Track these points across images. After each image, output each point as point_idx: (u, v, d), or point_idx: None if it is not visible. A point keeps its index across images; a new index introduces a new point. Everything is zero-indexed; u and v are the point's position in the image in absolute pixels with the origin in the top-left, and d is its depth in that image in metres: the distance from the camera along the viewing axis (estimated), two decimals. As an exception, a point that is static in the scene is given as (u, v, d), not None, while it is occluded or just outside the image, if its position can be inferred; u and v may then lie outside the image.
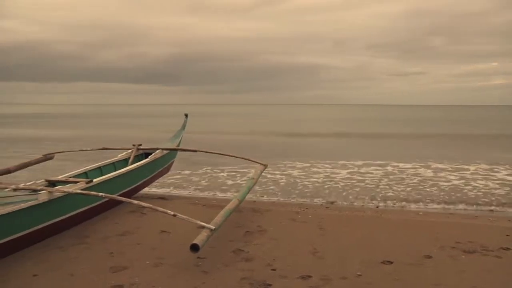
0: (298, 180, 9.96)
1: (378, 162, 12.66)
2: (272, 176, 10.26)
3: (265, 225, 5.44)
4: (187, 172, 10.66)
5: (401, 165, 12.16)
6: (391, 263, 4.13)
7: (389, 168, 11.60)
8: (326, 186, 9.38)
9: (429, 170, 11.29)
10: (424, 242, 4.84)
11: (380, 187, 9.29)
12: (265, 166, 7.00)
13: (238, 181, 9.79)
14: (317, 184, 9.57)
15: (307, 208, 6.94)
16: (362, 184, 9.59)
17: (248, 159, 7.68)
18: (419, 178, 10.19)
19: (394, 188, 9.16)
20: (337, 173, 10.82)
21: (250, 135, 24.29)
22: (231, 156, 7.95)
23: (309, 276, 3.76)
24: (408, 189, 9.09)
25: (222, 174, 10.73)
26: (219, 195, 8.51)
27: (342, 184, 9.61)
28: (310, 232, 5.23)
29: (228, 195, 8.32)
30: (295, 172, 10.98)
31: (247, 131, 26.52)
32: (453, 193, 8.67)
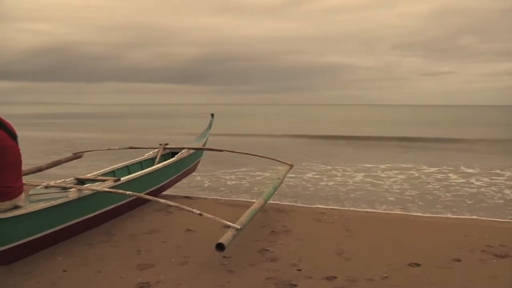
0: (304, 183, 9.53)
1: (405, 165, 12.33)
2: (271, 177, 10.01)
3: (290, 225, 5.43)
4: (194, 173, 9.88)
5: (430, 169, 11.65)
6: (419, 265, 4.05)
7: (413, 172, 11.14)
8: (328, 189, 9.01)
9: (457, 175, 10.71)
10: (452, 244, 4.73)
11: (391, 191, 8.83)
12: (291, 166, 6.99)
13: (241, 182, 9.72)
14: (326, 188, 9.14)
15: (332, 209, 6.89)
16: (372, 188, 9.16)
17: (274, 159, 7.69)
18: (445, 183, 9.69)
19: (407, 193, 8.69)
20: (353, 177, 10.41)
21: (279, 137, 23.54)
22: (257, 156, 7.97)
23: (335, 277, 3.73)
24: (417, 193, 8.75)
25: (230, 176, 10.44)
26: (217, 196, 8.10)
27: (349, 188, 9.18)
28: (336, 232, 5.19)
29: (223, 197, 8.05)
30: (309, 175, 10.55)
31: (277, 133, 25.72)
32: (482, 198, 8.27)
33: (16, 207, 3.90)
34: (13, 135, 3.86)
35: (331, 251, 4.43)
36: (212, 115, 9.03)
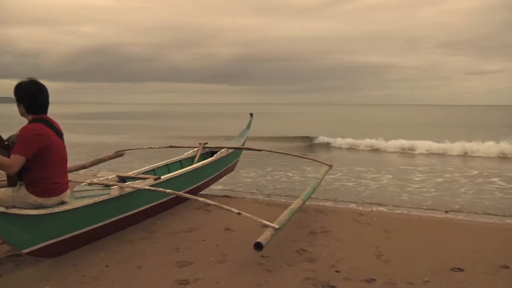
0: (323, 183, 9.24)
1: (444, 168, 11.95)
2: (301, 178, 10.02)
3: (329, 225, 5.37)
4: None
5: (472, 172, 11.27)
6: (462, 270, 3.92)
7: (451, 175, 10.72)
8: (342, 189, 8.87)
9: (501, 180, 10.10)
10: (499, 250, 4.56)
11: (411, 192, 8.60)
12: (330, 166, 6.91)
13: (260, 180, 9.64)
14: (341, 188, 8.97)
15: (372, 210, 6.78)
16: (392, 189, 8.92)
17: (313, 159, 7.65)
18: (482, 187, 9.20)
19: (427, 195, 8.37)
20: (379, 179, 10.06)
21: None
22: (296, 155, 7.94)
23: (374, 280, 3.66)
24: (439, 195, 8.42)
25: (249, 174, 10.48)
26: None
27: (365, 188, 8.99)
28: (375, 234, 5.09)
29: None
30: (332, 176, 10.03)
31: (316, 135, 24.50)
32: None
33: (62, 202, 4.05)
34: (60, 134, 4.01)
35: (370, 253, 4.35)
36: (251, 114, 9.05)
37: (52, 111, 4.13)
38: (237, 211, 4.24)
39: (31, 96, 3.84)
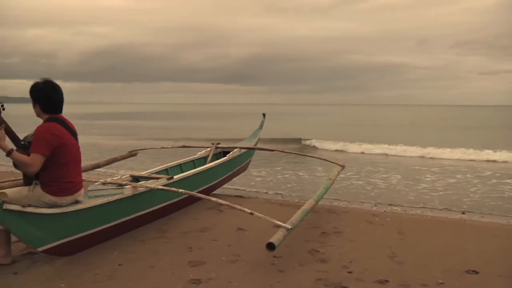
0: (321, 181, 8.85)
1: (457, 169, 11.86)
2: (311, 177, 9.99)
3: (342, 226, 5.35)
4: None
5: (486, 173, 11.20)
6: (477, 273, 3.87)
7: (464, 176, 10.63)
8: (350, 188, 8.92)
9: None
10: (514, 252, 4.50)
11: (416, 192, 8.64)
12: (343, 166, 6.89)
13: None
14: (348, 187, 8.99)
15: (385, 211, 6.74)
16: (399, 188, 8.97)
17: (325, 160, 7.64)
18: (494, 188, 9.19)
19: (434, 193, 8.40)
20: (388, 180, 10.02)
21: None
22: (308, 156, 7.93)
23: (387, 281, 3.64)
24: (442, 195, 8.38)
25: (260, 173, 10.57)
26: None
27: (369, 188, 9.01)
28: (388, 235, 5.06)
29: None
30: (340, 175, 9.89)
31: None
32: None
33: (77, 202, 4.08)
34: (74, 133, 4.05)
35: (383, 254, 4.33)
36: (264, 115, 9.04)
37: (66, 111, 4.17)
38: (249, 211, 4.24)
39: (46, 96, 3.89)
